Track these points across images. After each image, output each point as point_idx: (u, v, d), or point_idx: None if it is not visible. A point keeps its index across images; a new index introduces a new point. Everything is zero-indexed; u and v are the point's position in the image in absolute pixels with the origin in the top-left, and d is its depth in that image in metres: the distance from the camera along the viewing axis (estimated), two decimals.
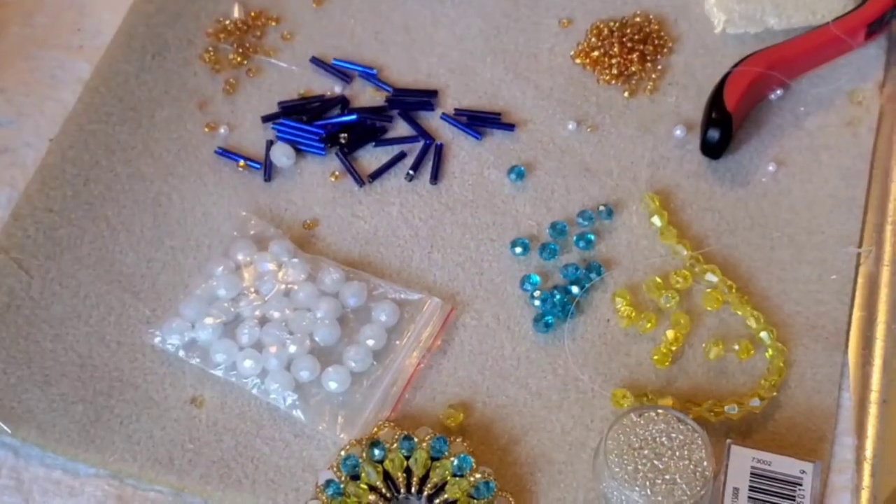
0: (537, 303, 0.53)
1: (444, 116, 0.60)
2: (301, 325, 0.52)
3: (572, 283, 0.54)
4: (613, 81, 0.61)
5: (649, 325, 0.52)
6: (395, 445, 0.48)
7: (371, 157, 0.59)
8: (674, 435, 0.47)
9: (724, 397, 0.50)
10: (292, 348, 0.51)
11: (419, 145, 0.59)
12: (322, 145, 0.58)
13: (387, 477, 0.47)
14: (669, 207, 0.56)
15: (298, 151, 0.59)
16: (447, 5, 0.64)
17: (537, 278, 0.54)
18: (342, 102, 0.60)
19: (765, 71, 0.58)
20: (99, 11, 0.65)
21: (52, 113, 0.61)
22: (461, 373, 0.52)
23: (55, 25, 0.65)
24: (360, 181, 0.58)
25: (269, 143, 0.59)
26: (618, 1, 0.64)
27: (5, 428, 0.50)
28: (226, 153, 0.58)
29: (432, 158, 0.58)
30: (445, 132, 0.59)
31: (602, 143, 0.59)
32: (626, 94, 0.61)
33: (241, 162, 0.58)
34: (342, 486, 0.47)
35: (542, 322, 0.52)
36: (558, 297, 0.53)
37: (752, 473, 0.47)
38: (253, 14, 0.64)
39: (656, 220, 0.55)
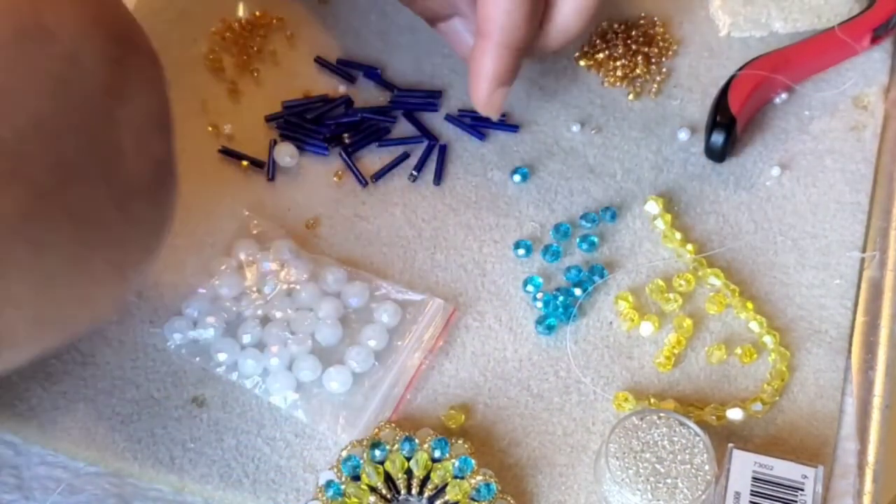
0: (540, 304, 0.53)
1: (448, 117, 0.60)
2: (303, 325, 0.52)
3: (575, 286, 0.53)
4: (618, 83, 0.61)
5: (652, 327, 0.52)
6: (396, 446, 0.48)
7: (374, 157, 0.59)
8: (675, 438, 0.47)
9: (727, 401, 0.50)
10: (294, 348, 0.51)
11: (423, 146, 0.59)
12: (325, 145, 0.58)
13: (387, 478, 0.47)
14: (673, 210, 0.56)
15: (301, 151, 0.59)
16: None
17: (540, 280, 0.54)
18: (346, 102, 0.60)
19: (769, 74, 0.58)
20: None
21: None
22: (463, 374, 0.52)
23: None
24: (363, 181, 0.58)
25: (273, 143, 0.59)
26: (622, 3, 0.64)
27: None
28: (229, 152, 0.58)
29: (436, 159, 0.58)
30: (449, 133, 0.59)
31: (606, 145, 0.59)
32: (630, 96, 0.60)
33: (244, 161, 0.58)
34: (343, 486, 0.47)
35: (544, 324, 0.52)
36: (561, 299, 0.53)
37: (753, 477, 0.47)
38: (257, 13, 0.64)
39: (660, 223, 0.55)
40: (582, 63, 0.62)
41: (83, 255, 0.38)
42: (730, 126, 0.56)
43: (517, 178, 0.57)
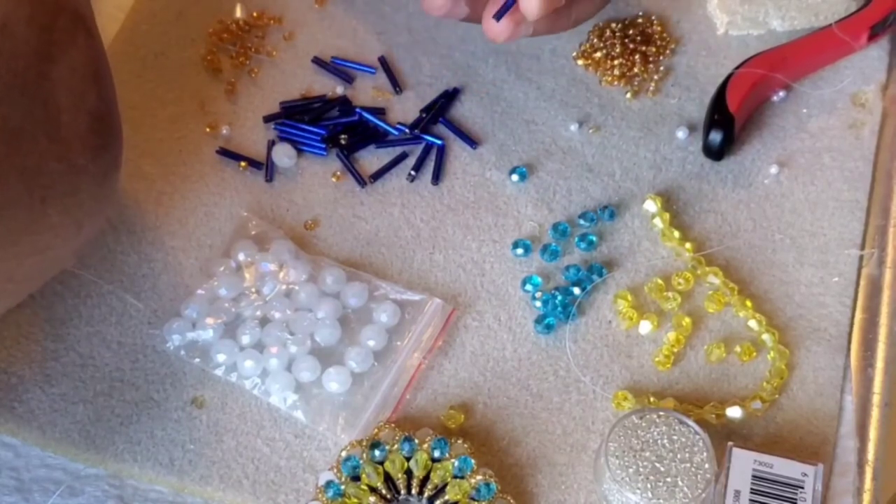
0: (539, 304, 0.53)
1: (443, 120, 0.59)
2: (302, 325, 0.52)
3: (574, 285, 0.53)
4: (616, 83, 0.61)
5: (651, 326, 0.52)
6: (395, 447, 0.48)
7: (372, 157, 0.59)
8: (675, 437, 0.47)
9: (726, 399, 0.50)
10: (293, 349, 0.51)
11: (421, 146, 0.59)
12: (323, 145, 0.58)
13: (387, 478, 0.47)
14: (671, 209, 0.56)
15: (300, 152, 0.58)
16: None
17: (539, 279, 0.54)
18: (344, 103, 0.60)
19: (767, 73, 0.58)
20: (101, 9, 0.65)
21: None
22: (462, 374, 0.52)
23: None
24: (361, 182, 0.58)
25: (271, 144, 0.59)
26: (620, 2, 0.64)
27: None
28: (227, 153, 0.58)
29: (434, 159, 0.58)
30: (447, 133, 0.59)
31: (604, 144, 0.59)
32: (628, 95, 0.60)
33: (243, 162, 0.58)
34: (342, 486, 0.47)
35: (543, 323, 0.52)
36: (560, 298, 0.53)
37: (753, 476, 0.47)
38: (255, 14, 0.64)
39: (658, 222, 0.55)
40: (580, 62, 0.62)
41: (39, 210, 0.40)
42: (728, 124, 0.56)
43: (515, 177, 0.57)
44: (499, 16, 0.50)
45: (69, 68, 0.41)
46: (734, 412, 0.49)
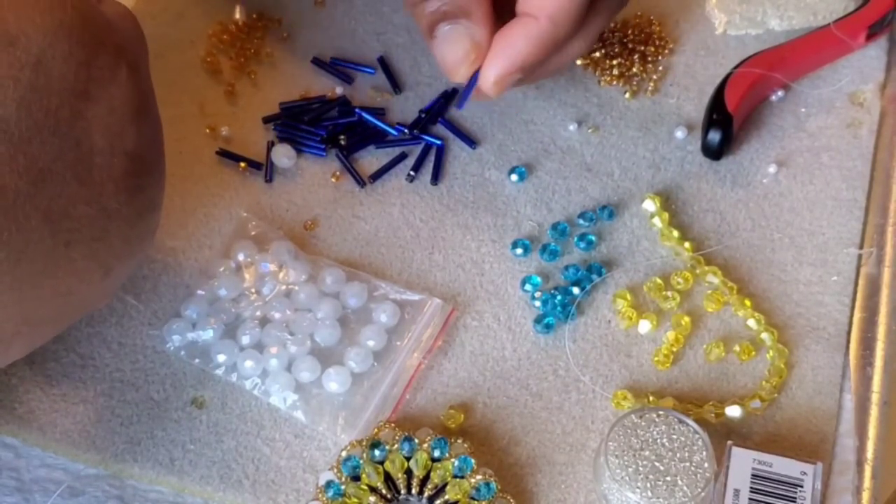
0: (538, 304, 0.53)
1: (443, 120, 0.60)
2: (302, 325, 0.52)
3: (573, 284, 0.54)
4: (615, 82, 0.61)
5: (650, 326, 0.52)
6: (395, 446, 0.48)
7: (372, 157, 0.59)
8: (674, 436, 0.47)
9: (725, 399, 0.51)
10: (293, 349, 0.51)
11: (420, 146, 0.59)
12: (323, 146, 0.58)
13: (387, 478, 0.47)
14: (670, 208, 0.56)
15: (299, 152, 0.59)
16: None
17: (538, 279, 0.54)
18: (343, 103, 0.60)
19: (766, 72, 0.58)
20: None
21: None
22: (462, 374, 0.52)
23: None
24: (360, 182, 0.58)
25: (270, 144, 0.59)
26: None
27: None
28: (227, 154, 0.58)
29: (433, 159, 0.58)
30: (446, 133, 0.59)
31: (603, 143, 0.59)
32: (627, 95, 0.61)
33: (242, 163, 0.58)
34: (343, 486, 0.47)
35: (542, 323, 0.52)
36: (559, 297, 0.53)
37: (752, 475, 0.47)
38: (254, 16, 0.64)
39: (657, 222, 0.55)
40: (578, 62, 0.62)
41: (62, 254, 0.38)
42: (726, 124, 0.56)
43: (514, 177, 0.57)
44: (460, 104, 0.52)
45: (107, 107, 0.39)
46: (733, 411, 0.49)
